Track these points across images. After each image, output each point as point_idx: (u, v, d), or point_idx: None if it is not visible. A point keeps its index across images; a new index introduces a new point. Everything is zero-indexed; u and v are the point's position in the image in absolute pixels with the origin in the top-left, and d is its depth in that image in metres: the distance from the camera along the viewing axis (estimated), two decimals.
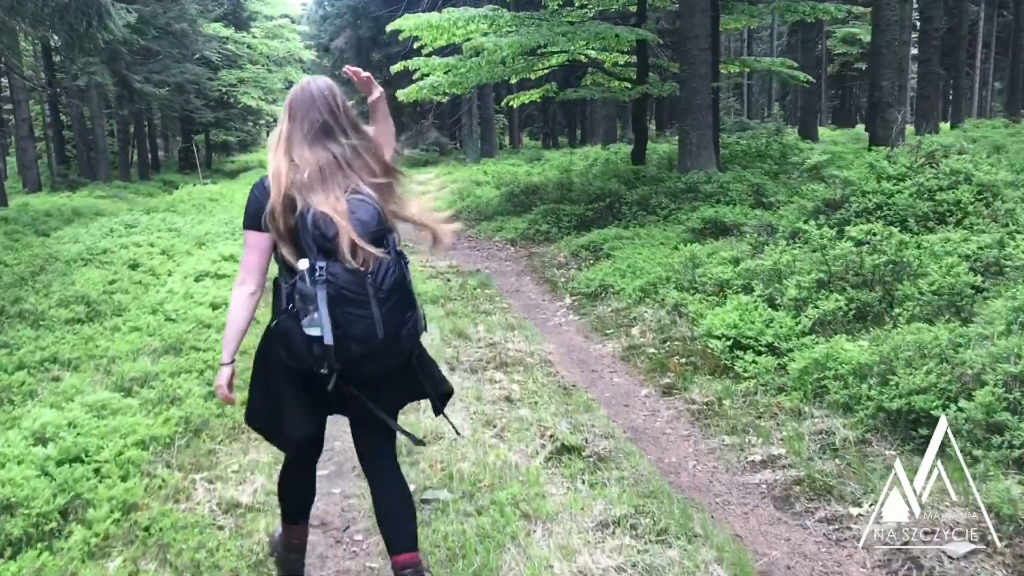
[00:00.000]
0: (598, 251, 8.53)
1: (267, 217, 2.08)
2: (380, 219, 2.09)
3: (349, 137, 2.16)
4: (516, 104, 16.24)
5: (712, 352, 4.78)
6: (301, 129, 2.15)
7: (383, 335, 1.99)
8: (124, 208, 16.10)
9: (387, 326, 2.00)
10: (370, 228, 2.04)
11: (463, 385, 4.64)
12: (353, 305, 1.97)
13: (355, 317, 1.97)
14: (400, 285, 2.05)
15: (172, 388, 4.30)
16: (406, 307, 2.08)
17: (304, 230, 2.01)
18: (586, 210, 10.26)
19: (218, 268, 7.06)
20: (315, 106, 2.16)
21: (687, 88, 9.73)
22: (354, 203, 2.06)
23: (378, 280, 2.00)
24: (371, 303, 1.98)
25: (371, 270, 2.00)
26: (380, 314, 1.99)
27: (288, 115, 2.19)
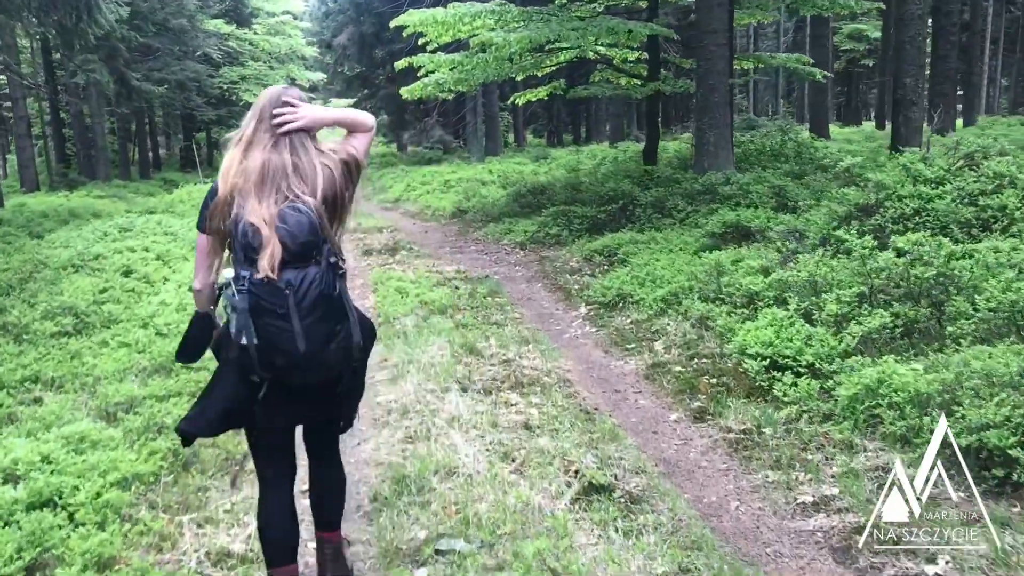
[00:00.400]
0: (613, 256, 8.15)
1: (208, 217, 2.13)
2: (312, 229, 2.06)
3: (307, 145, 2.16)
4: (522, 102, 15.86)
5: (747, 372, 4.41)
6: (260, 131, 2.16)
7: (304, 348, 2.00)
8: (123, 208, 15.77)
9: (310, 339, 2.01)
10: (298, 239, 2.03)
11: (476, 409, 4.27)
12: (273, 317, 1.98)
13: (275, 329, 1.98)
14: (326, 298, 2.05)
15: (159, 415, 3.93)
16: (334, 320, 2.07)
17: (234, 238, 2.05)
18: (598, 212, 9.88)
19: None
20: (262, 113, 2.17)
21: (704, 85, 9.34)
22: (287, 212, 2.05)
23: (300, 293, 2.00)
24: (291, 316, 1.99)
25: (294, 282, 2.00)
26: (301, 327, 1.99)
27: (254, 116, 2.19)
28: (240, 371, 2.10)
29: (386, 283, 7.65)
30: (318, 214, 2.09)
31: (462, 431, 4.00)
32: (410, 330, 5.95)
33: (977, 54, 25.73)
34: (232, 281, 2.02)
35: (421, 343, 5.52)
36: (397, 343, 5.59)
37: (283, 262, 2.01)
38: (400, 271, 8.67)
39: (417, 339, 5.65)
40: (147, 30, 15.07)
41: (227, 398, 2.18)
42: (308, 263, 2.05)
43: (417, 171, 21.71)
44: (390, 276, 8.05)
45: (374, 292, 7.46)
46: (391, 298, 6.99)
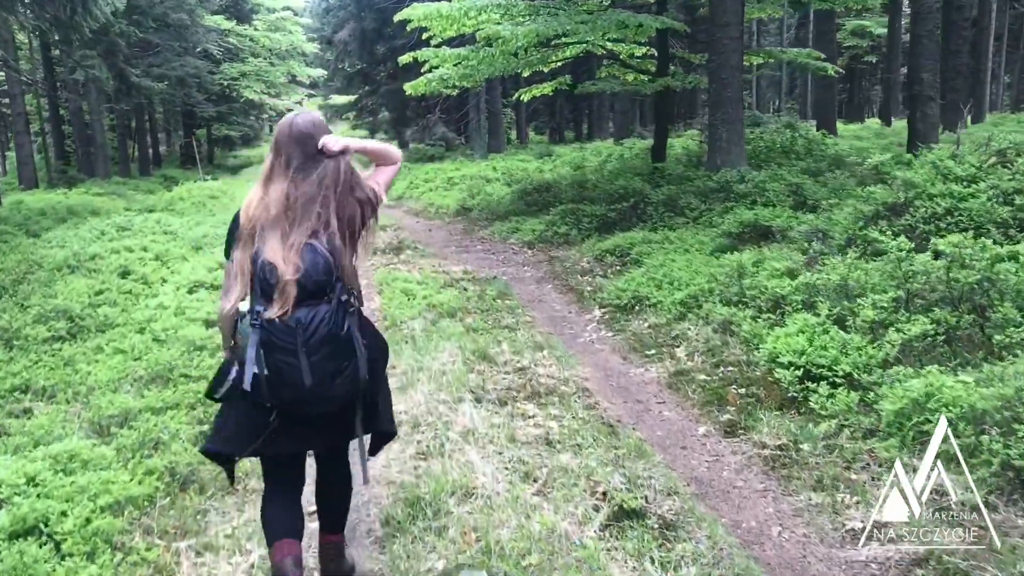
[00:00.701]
0: (625, 256, 7.90)
1: (233, 247, 2.21)
2: (326, 269, 2.12)
3: (326, 170, 2.19)
4: (527, 98, 15.60)
5: (779, 383, 4.16)
6: (279, 164, 2.20)
7: (311, 383, 2.06)
8: (121, 206, 15.53)
9: (316, 375, 2.06)
10: (312, 278, 2.09)
11: (492, 422, 4.02)
12: (281, 352, 2.05)
13: (283, 364, 2.05)
14: (334, 337, 2.09)
15: (155, 430, 3.69)
16: (341, 357, 2.11)
17: (254, 272, 2.11)
18: (608, 211, 9.62)
19: (215, 278, 6.45)
20: (292, 142, 2.20)
21: (716, 80, 9.07)
22: (305, 251, 2.10)
23: (309, 331, 2.06)
24: (299, 352, 2.05)
25: (303, 320, 2.05)
26: (307, 364, 2.05)
27: (272, 149, 2.25)
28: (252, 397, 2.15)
29: (392, 284, 7.40)
30: (333, 252, 2.14)
31: (478, 446, 3.75)
32: (418, 335, 5.70)
33: (983, 50, 25.41)
34: (247, 314, 2.11)
35: (431, 349, 5.27)
36: (405, 349, 5.33)
37: (297, 300, 2.07)
38: (406, 271, 8.42)
39: (426, 344, 5.40)
40: (146, 25, 14.80)
41: (240, 422, 2.25)
42: (320, 301, 2.10)
43: (420, 168, 21.46)
44: (395, 277, 7.79)
45: (379, 294, 7.21)
46: (397, 300, 6.73)
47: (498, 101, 24.82)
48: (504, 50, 10.62)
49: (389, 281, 7.59)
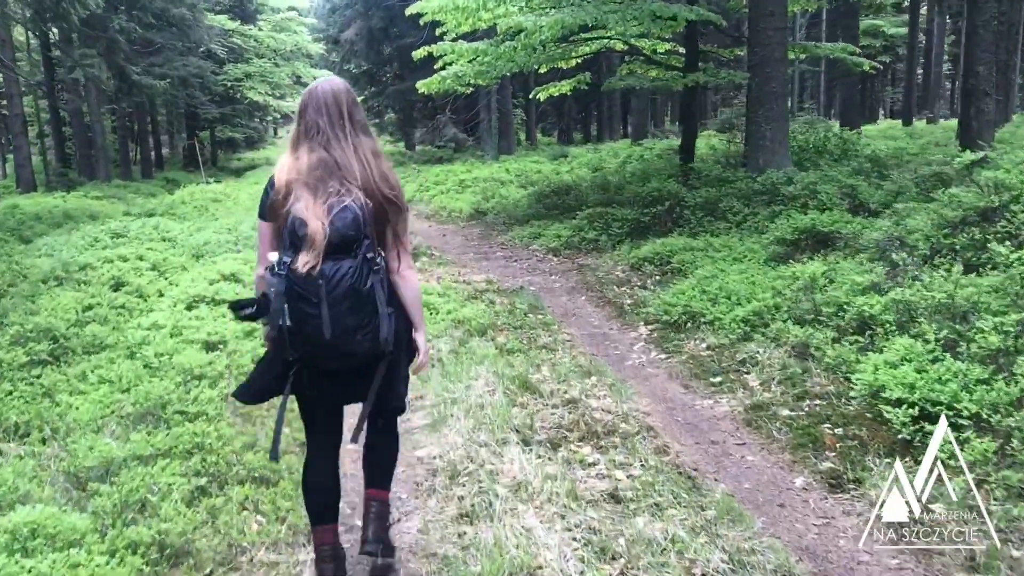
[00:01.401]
0: (665, 265, 7.22)
1: (268, 207, 2.26)
2: (355, 224, 2.16)
3: (349, 140, 2.25)
4: (543, 97, 14.93)
5: (887, 423, 3.48)
6: (306, 129, 2.26)
7: (329, 335, 2.10)
8: (121, 210, 14.87)
9: (336, 327, 2.11)
10: (340, 231, 2.14)
11: (546, 471, 3.35)
12: (304, 303, 2.10)
13: (305, 314, 2.10)
14: (356, 291, 2.13)
15: (142, 486, 3.02)
16: (363, 313, 2.15)
17: (285, 226, 2.18)
18: (640, 215, 8.95)
19: (216, 291, 5.79)
20: (319, 108, 2.26)
21: (760, 74, 8.40)
22: (334, 206, 2.16)
23: (332, 283, 2.10)
24: (321, 304, 2.09)
25: (327, 273, 2.10)
26: (328, 315, 2.10)
27: (298, 115, 2.31)
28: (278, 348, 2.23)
29: None
30: (363, 209, 2.18)
31: (534, 505, 3.08)
32: (446, 357, 5.03)
33: (1013, 47, 24.68)
34: (275, 265, 2.14)
35: (462, 375, 4.60)
36: (433, 375, 4.67)
37: (324, 253, 2.11)
38: (423, 281, 7.75)
39: (456, 369, 4.73)
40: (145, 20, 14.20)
41: (267, 371, 2.36)
42: (346, 256, 2.14)
43: (429, 170, 20.81)
44: None
45: None
46: None
47: (509, 102, 24.18)
48: (526, 43, 9.96)
49: None
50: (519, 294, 7.08)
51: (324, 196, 2.16)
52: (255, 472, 3.35)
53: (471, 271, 8.42)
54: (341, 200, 2.16)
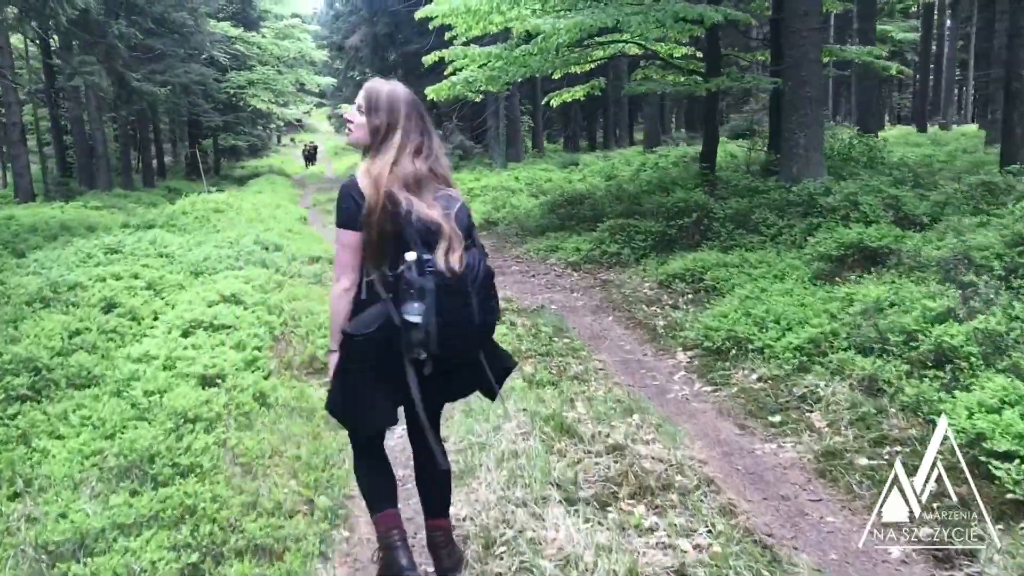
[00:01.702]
0: (698, 282, 6.72)
1: (364, 216, 2.21)
2: (467, 215, 2.31)
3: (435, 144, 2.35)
4: (556, 103, 14.48)
5: (998, 481, 2.97)
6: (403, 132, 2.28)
7: (479, 321, 2.20)
8: (120, 221, 14.43)
9: (482, 313, 2.21)
10: (463, 224, 2.26)
11: (597, 540, 2.84)
12: (456, 295, 2.14)
13: (457, 307, 2.14)
14: (488, 276, 2.25)
15: (120, 568, 2.52)
16: (492, 296, 2.27)
17: (409, 226, 2.18)
18: (665, 227, 8.45)
19: (215, 315, 5.29)
20: (411, 113, 2.31)
21: (794, 77, 7.91)
22: (446, 202, 2.26)
23: (474, 273, 2.19)
24: (471, 294, 2.17)
25: (471, 263, 2.19)
26: (477, 303, 2.18)
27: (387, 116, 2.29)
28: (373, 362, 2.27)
29: None
30: (463, 202, 2.33)
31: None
32: None
33: None
34: (415, 264, 2.13)
35: (489, 413, 4.10)
36: (455, 413, 4.17)
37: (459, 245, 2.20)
38: None
39: (482, 406, 4.23)
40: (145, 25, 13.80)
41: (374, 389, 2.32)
42: (471, 246, 2.26)
43: None
44: None
45: None
46: None
47: (516, 108, 23.78)
48: (543, 47, 9.48)
49: None
50: (541, 314, 6.59)
51: (433, 196, 2.25)
52: (256, 540, 2.86)
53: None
54: (446, 196, 2.28)
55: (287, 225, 12.43)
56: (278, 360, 5.07)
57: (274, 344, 5.37)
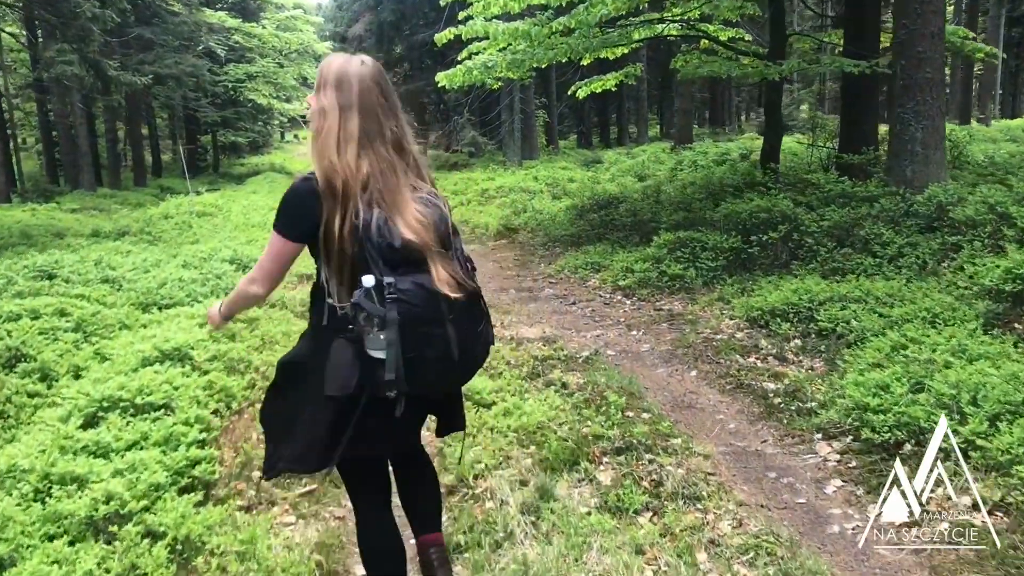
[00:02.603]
0: (806, 322, 5.05)
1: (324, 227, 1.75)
2: (444, 219, 1.82)
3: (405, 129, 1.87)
4: (584, 94, 12.77)
5: None
6: (359, 116, 1.79)
7: (458, 355, 1.73)
8: (92, 226, 12.81)
9: (463, 343, 1.73)
10: (440, 232, 1.80)
11: None
12: (426, 324, 1.69)
13: (429, 337, 1.69)
14: (473, 296, 1.78)
15: None
16: (478, 320, 1.80)
17: (367, 240, 1.72)
18: (741, 242, 6.77)
19: (142, 387, 3.63)
20: (371, 89, 1.80)
21: (910, 55, 6.22)
22: (422, 205, 1.80)
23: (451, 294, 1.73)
24: (445, 322, 1.71)
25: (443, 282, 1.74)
26: (455, 333, 1.71)
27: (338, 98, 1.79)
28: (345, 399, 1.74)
29: None
30: (443, 202, 1.87)
31: None
32: (519, 526, 2.88)
33: None
34: (374, 290, 1.65)
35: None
36: (507, 569, 2.51)
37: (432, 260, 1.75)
38: None
39: (546, 560, 2.58)
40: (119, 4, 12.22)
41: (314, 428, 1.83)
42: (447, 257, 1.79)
43: (446, 178, 18.70)
44: None
45: None
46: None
47: (531, 102, 22.07)
48: (582, 19, 7.79)
49: None
50: (596, 364, 4.93)
51: (406, 196, 1.78)
52: None
53: (518, 320, 6.26)
54: (420, 195, 1.81)
55: None
56: (229, 462, 3.42)
57: (228, 430, 3.72)
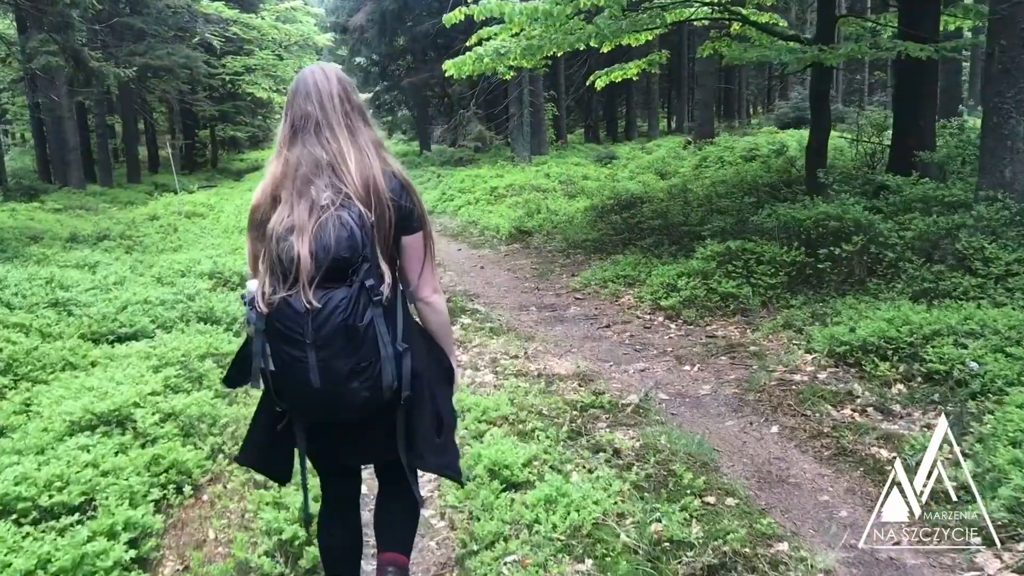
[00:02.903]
0: (910, 360, 4.06)
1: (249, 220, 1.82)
2: (351, 244, 1.67)
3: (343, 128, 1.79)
4: (602, 84, 11.75)
5: None
6: (291, 123, 1.82)
7: (319, 383, 1.65)
8: (76, 227, 11.85)
9: (326, 374, 1.65)
10: (331, 254, 1.67)
11: None
12: (288, 344, 1.66)
13: (290, 358, 1.66)
14: (349, 328, 1.64)
15: None
16: (359, 355, 1.66)
17: (268, 246, 1.71)
18: (804, 255, 5.78)
19: (67, 471, 2.65)
20: (308, 97, 1.81)
21: (1011, 33, 5.22)
22: (328, 221, 1.68)
23: (320, 319, 1.63)
24: (306, 345, 1.64)
25: (315, 307, 1.64)
26: (316, 360, 1.64)
27: (286, 106, 1.87)
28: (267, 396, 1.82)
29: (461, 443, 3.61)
30: (363, 223, 1.69)
31: None
32: None
33: None
34: (255, 295, 1.70)
35: None
36: None
37: (311, 280, 1.65)
38: (468, 378, 4.66)
39: None
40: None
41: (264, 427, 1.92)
42: (339, 284, 1.66)
43: (452, 175, 17.72)
44: (458, 400, 4.00)
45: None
46: (483, 504, 2.96)
47: (541, 94, 21.02)
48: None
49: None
50: (649, 416, 3.96)
51: (311, 205, 1.68)
52: None
53: (544, 348, 5.29)
54: (335, 211, 1.68)
55: None
56: None
57: (176, 527, 2.76)
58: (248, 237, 1.83)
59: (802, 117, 24.32)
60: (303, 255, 1.64)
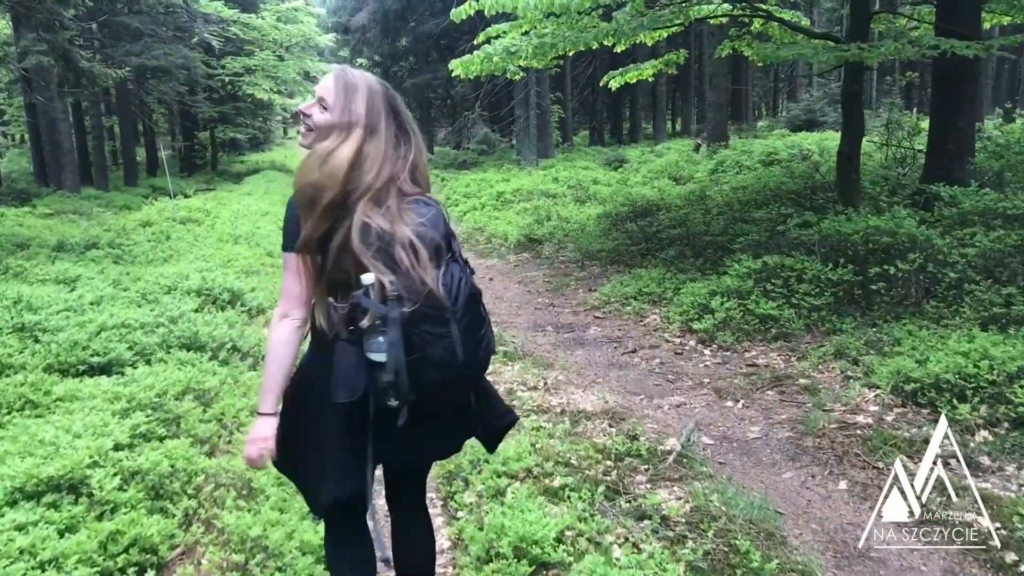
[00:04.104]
0: (996, 402, 3.53)
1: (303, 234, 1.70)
2: (444, 222, 1.75)
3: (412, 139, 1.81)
4: (616, 84, 11.21)
5: None
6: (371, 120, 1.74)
7: (463, 355, 1.65)
8: (64, 234, 11.33)
9: (467, 344, 1.66)
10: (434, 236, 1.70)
11: None
12: (430, 323, 1.63)
13: (432, 337, 1.63)
14: (472, 296, 1.70)
15: None
16: (480, 324, 1.72)
17: (365, 239, 1.65)
18: (852, 274, 5.23)
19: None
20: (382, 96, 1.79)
21: None
22: (418, 207, 1.74)
23: (453, 294, 1.65)
24: (450, 321, 1.64)
25: (446, 282, 1.66)
26: (459, 332, 1.64)
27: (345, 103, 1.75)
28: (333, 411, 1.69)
29: (473, 519, 3.10)
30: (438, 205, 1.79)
31: None
32: None
33: None
34: (374, 288, 1.62)
35: None
36: None
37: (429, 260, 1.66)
38: None
39: None
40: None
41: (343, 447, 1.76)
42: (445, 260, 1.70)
43: (456, 179, 17.20)
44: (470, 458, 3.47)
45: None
46: None
47: (547, 96, 20.51)
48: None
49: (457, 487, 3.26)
50: (694, 468, 3.43)
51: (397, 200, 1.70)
52: None
53: (566, 378, 4.75)
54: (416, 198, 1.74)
55: (267, 247, 9.26)
56: None
57: None
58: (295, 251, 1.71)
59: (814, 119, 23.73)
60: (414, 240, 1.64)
